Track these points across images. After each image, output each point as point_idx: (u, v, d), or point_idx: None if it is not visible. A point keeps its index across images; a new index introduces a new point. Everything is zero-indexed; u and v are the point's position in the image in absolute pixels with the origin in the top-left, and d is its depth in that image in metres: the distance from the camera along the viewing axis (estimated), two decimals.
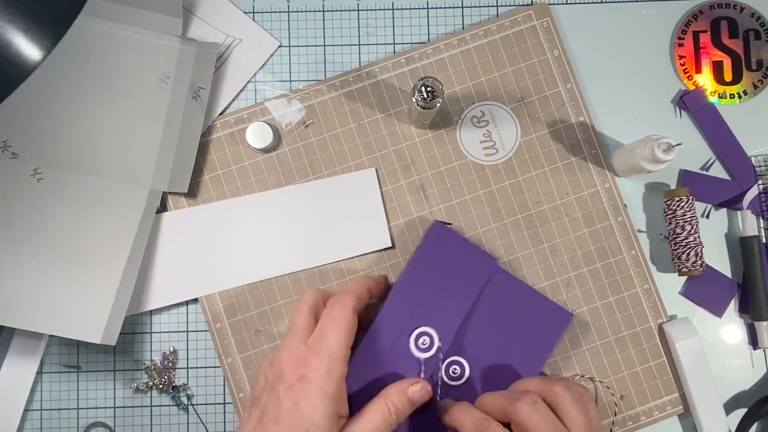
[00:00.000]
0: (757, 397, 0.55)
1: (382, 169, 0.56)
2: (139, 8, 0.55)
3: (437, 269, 0.46)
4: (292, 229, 0.55)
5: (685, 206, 0.54)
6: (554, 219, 0.56)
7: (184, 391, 0.56)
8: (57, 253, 0.52)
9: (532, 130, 0.57)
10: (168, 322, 0.56)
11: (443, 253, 0.46)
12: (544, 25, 0.57)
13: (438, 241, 0.46)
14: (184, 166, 0.55)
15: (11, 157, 0.53)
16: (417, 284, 0.45)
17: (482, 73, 0.57)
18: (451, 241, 0.46)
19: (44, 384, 0.56)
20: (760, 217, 0.56)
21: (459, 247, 0.46)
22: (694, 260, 0.53)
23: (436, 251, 0.46)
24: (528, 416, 0.39)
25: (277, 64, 0.58)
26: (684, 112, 0.58)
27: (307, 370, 0.39)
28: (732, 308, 0.56)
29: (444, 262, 0.46)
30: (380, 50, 0.58)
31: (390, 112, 0.57)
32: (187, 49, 0.56)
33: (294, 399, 0.39)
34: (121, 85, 0.55)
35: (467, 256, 0.46)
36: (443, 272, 0.46)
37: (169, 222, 0.55)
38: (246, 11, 0.58)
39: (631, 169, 0.54)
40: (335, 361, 0.39)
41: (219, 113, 0.57)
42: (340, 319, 0.41)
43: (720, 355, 0.56)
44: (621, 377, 0.55)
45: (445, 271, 0.46)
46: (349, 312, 0.42)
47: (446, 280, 0.46)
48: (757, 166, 0.57)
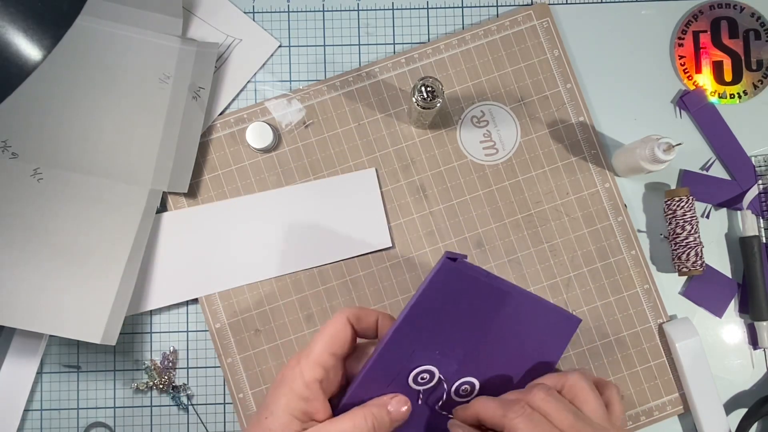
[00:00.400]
0: (757, 397, 0.55)
1: (382, 169, 0.56)
2: (139, 8, 0.55)
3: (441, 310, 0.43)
4: (292, 229, 0.55)
5: (685, 206, 0.54)
6: (554, 219, 0.56)
7: (184, 391, 0.56)
8: (57, 253, 0.52)
9: (532, 130, 0.57)
10: (168, 322, 0.56)
11: (448, 292, 0.42)
12: (544, 25, 0.57)
13: (444, 281, 0.42)
14: (184, 166, 0.55)
15: (11, 157, 0.53)
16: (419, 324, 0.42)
17: (482, 73, 0.57)
18: (457, 280, 0.43)
19: (44, 384, 0.56)
20: (760, 217, 0.56)
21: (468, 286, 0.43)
22: (694, 260, 0.53)
23: (441, 291, 0.42)
24: (543, 402, 0.39)
25: (277, 64, 0.58)
26: (684, 112, 0.58)
27: (286, 370, 0.41)
28: (732, 308, 0.56)
29: (449, 302, 0.42)
30: (380, 50, 0.58)
31: (390, 112, 0.57)
32: (187, 49, 0.56)
33: (270, 395, 0.41)
34: (121, 85, 0.55)
35: (476, 297, 0.43)
36: (447, 311, 0.42)
37: (169, 222, 0.55)
38: (246, 11, 0.58)
39: (631, 169, 0.54)
40: (308, 363, 0.40)
41: (219, 113, 0.57)
42: (328, 325, 0.42)
43: (720, 355, 0.56)
44: (621, 377, 0.55)
45: (450, 310, 0.42)
46: (339, 321, 0.42)
47: (450, 319, 0.43)
48: (757, 166, 0.57)
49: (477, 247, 0.56)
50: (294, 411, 0.39)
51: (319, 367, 0.40)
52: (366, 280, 0.55)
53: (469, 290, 0.43)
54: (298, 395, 0.39)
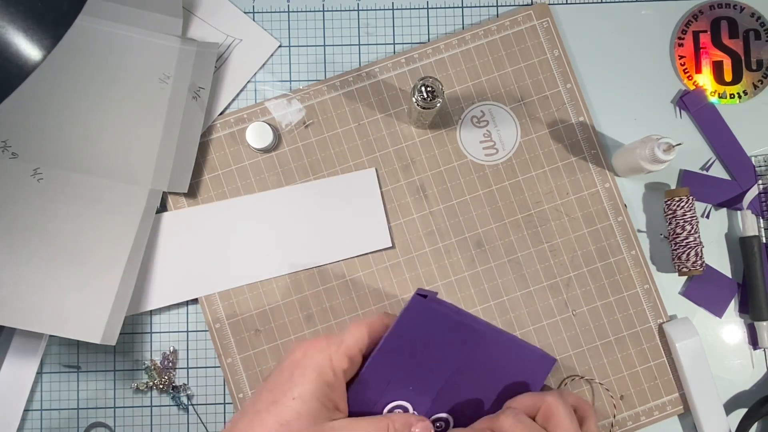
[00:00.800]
0: (757, 397, 0.55)
1: (382, 169, 0.56)
2: (139, 8, 0.55)
3: (413, 345, 0.42)
4: (292, 229, 0.55)
5: (685, 206, 0.54)
6: (554, 219, 0.56)
7: (184, 391, 0.56)
8: (57, 253, 0.52)
9: (532, 130, 0.57)
10: (168, 322, 0.56)
11: (420, 328, 0.43)
12: (544, 25, 0.57)
13: (415, 316, 0.43)
14: (184, 166, 0.55)
15: (11, 157, 0.53)
16: (392, 359, 0.42)
17: (482, 73, 0.57)
18: (428, 316, 0.44)
19: (44, 384, 0.56)
20: (760, 217, 0.56)
21: (440, 322, 0.43)
22: (694, 260, 0.53)
23: (413, 326, 0.43)
24: (511, 428, 0.38)
25: (277, 64, 0.58)
26: (684, 112, 0.58)
27: (312, 350, 0.39)
28: (732, 308, 0.56)
29: (421, 338, 0.43)
30: (380, 50, 0.58)
31: (390, 112, 0.57)
32: (187, 49, 0.56)
33: (291, 372, 0.39)
34: (121, 85, 0.55)
35: (448, 333, 0.43)
36: (420, 347, 0.43)
37: (169, 222, 0.55)
38: (246, 11, 0.58)
39: (631, 169, 0.54)
40: (339, 352, 0.39)
41: (219, 113, 0.57)
42: (366, 320, 0.41)
43: (720, 355, 0.56)
44: (621, 377, 0.55)
45: (422, 346, 0.43)
46: (379, 320, 0.42)
47: (423, 355, 0.43)
48: (757, 166, 0.57)
49: (477, 247, 0.56)
50: (322, 398, 0.38)
51: (347, 359, 0.39)
52: (366, 280, 0.55)
53: (441, 327, 0.43)
54: (326, 382, 0.38)
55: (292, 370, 0.39)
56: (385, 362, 0.42)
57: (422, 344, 0.43)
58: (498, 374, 0.44)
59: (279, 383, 0.39)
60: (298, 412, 0.37)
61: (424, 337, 0.43)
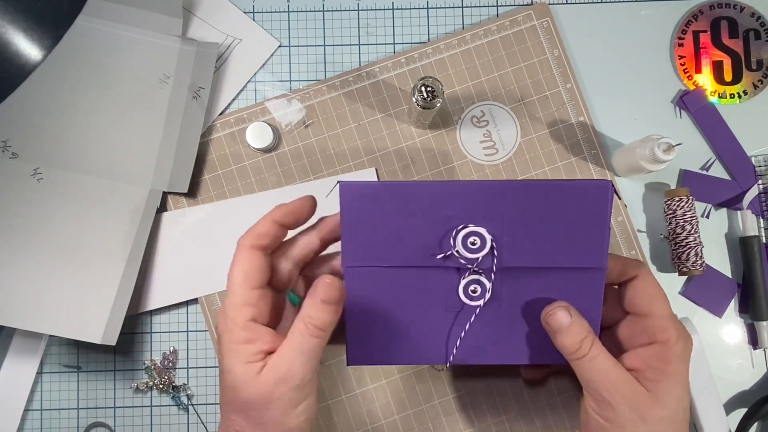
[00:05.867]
0: (757, 397, 0.55)
1: (382, 169, 0.56)
2: (139, 8, 0.55)
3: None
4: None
5: (685, 206, 0.54)
6: None
7: (184, 391, 0.56)
8: (57, 253, 0.52)
9: (532, 130, 0.57)
10: (168, 322, 0.56)
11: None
12: (544, 25, 0.57)
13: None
14: (184, 166, 0.55)
15: (11, 157, 0.53)
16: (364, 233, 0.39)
17: (482, 73, 0.57)
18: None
19: (44, 384, 0.56)
20: (760, 217, 0.56)
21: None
22: (694, 260, 0.53)
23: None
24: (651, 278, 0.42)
25: (277, 64, 0.58)
26: (684, 112, 0.58)
27: (219, 327, 0.40)
28: (732, 308, 0.56)
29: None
30: (380, 50, 0.58)
31: (390, 112, 0.57)
32: (187, 49, 0.56)
33: (219, 356, 0.40)
34: (121, 85, 0.55)
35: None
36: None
37: (169, 222, 0.55)
38: (246, 11, 0.58)
39: (631, 169, 0.54)
40: (234, 309, 0.39)
41: (219, 113, 0.57)
42: (235, 263, 0.41)
43: (720, 355, 0.56)
44: None
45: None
46: (243, 254, 0.41)
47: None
48: (757, 166, 0.57)
49: None
50: (247, 358, 0.38)
51: (247, 307, 0.39)
52: None
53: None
54: (242, 342, 0.38)
55: (219, 352, 0.40)
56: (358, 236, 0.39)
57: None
58: (555, 221, 0.39)
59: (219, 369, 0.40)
60: (235, 386, 0.38)
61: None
